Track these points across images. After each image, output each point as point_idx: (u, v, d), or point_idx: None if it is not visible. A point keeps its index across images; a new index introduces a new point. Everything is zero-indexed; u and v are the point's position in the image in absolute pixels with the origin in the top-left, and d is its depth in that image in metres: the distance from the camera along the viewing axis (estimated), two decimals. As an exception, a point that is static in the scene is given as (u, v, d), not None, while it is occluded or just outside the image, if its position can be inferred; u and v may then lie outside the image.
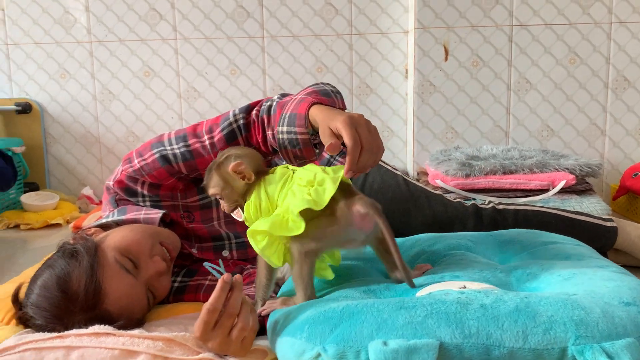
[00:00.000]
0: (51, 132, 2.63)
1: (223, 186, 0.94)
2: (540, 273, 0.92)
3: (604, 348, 0.67)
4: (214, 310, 0.82)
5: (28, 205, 2.29)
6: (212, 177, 0.94)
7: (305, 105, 0.96)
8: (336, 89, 1.10)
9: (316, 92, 1.03)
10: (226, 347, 0.84)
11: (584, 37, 2.24)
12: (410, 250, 1.08)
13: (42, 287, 0.94)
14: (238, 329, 0.84)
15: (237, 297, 0.84)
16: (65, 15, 2.55)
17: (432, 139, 2.33)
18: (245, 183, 0.93)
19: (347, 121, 0.84)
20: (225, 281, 0.82)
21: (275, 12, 2.48)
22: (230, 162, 0.93)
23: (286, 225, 0.85)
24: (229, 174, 0.93)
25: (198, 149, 1.10)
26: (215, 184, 0.94)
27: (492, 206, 1.36)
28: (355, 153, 0.83)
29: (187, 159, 1.11)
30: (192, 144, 1.11)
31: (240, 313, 0.84)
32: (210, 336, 0.84)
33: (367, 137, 0.84)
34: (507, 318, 0.71)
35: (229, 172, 0.93)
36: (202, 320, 0.83)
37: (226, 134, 1.08)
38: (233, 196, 0.94)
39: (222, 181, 0.94)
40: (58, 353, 0.85)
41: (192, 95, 2.57)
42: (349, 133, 0.83)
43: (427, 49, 2.27)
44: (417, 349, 0.68)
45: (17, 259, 1.75)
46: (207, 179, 0.95)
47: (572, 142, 2.30)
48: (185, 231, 1.22)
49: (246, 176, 0.93)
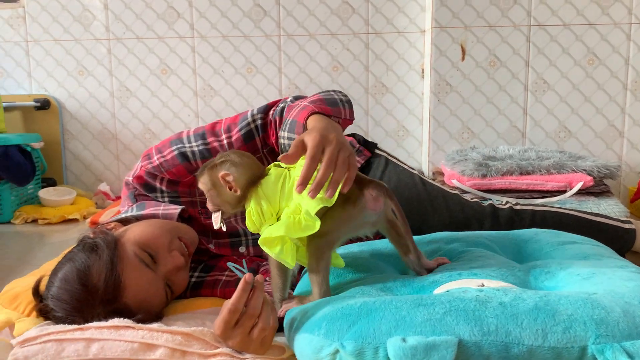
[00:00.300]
0: (69, 128, 2.66)
1: (210, 187, 0.93)
2: (559, 272, 0.91)
3: (624, 347, 0.67)
4: (236, 310, 0.83)
5: (46, 200, 2.32)
6: (203, 174, 0.94)
7: (305, 113, 0.99)
8: (347, 97, 1.11)
9: (322, 100, 1.04)
10: (246, 346, 0.85)
11: (603, 38, 2.22)
12: (427, 247, 1.08)
13: (63, 279, 0.95)
14: (259, 329, 0.84)
15: (258, 298, 0.84)
16: (84, 13, 2.57)
17: (448, 138, 2.32)
18: (233, 193, 0.92)
19: (316, 138, 0.83)
20: (247, 281, 0.82)
21: (292, 11, 2.49)
22: (223, 168, 0.92)
23: (300, 226, 0.86)
24: (218, 179, 0.92)
25: (216, 148, 1.13)
26: (204, 182, 0.94)
27: (510, 206, 1.35)
28: (310, 169, 0.82)
29: (205, 156, 1.13)
30: (211, 143, 1.14)
31: (261, 313, 0.84)
32: (231, 335, 0.84)
33: (331, 157, 0.82)
34: (526, 316, 0.71)
35: (218, 177, 0.92)
36: (223, 319, 0.83)
37: (244, 134, 1.12)
38: (216, 200, 0.93)
39: (210, 182, 0.93)
40: (78, 345, 0.86)
41: (208, 93, 2.58)
42: (311, 149, 0.82)
43: (444, 49, 2.26)
44: (436, 345, 0.68)
45: (36, 252, 1.77)
46: (200, 173, 0.95)
47: (590, 143, 2.28)
48: (203, 227, 1.23)
49: (233, 188, 0.92)
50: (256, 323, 0.84)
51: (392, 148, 2.52)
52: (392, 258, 1.05)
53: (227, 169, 0.92)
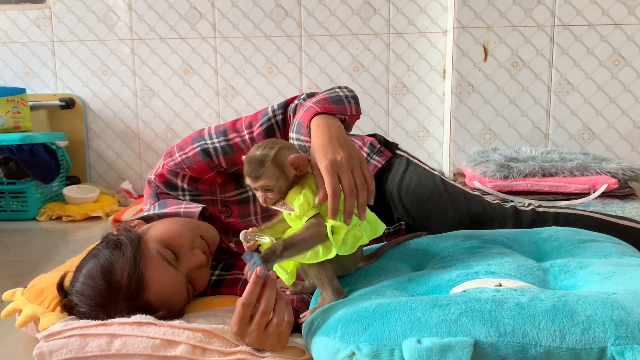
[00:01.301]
0: (93, 127, 2.70)
1: (278, 177, 0.91)
2: (579, 271, 0.90)
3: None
4: (248, 304, 0.83)
5: (70, 197, 2.36)
6: (267, 167, 0.90)
7: (309, 115, 1.01)
8: (352, 93, 1.12)
9: (327, 99, 1.06)
10: (263, 342, 0.85)
11: (629, 38, 2.18)
12: (443, 244, 1.07)
13: (87, 275, 0.97)
14: (274, 325, 0.85)
15: (270, 293, 0.84)
16: (109, 14, 2.61)
17: (469, 139, 2.30)
18: (295, 175, 0.92)
19: (328, 168, 0.89)
20: (258, 275, 0.83)
21: (314, 12, 2.49)
22: (284, 153, 0.91)
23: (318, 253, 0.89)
24: (285, 165, 0.91)
25: (238, 143, 1.14)
26: (271, 175, 0.91)
27: (532, 208, 1.34)
28: (336, 202, 0.88)
29: (227, 152, 1.14)
30: (232, 139, 1.15)
31: (275, 309, 0.85)
32: (246, 332, 0.85)
33: (349, 183, 0.89)
34: (543, 317, 0.70)
35: (285, 163, 0.91)
36: (238, 314, 0.84)
37: (265, 129, 1.13)
38: (283, 187, 0.92)
39: (278, 172, 0.91)
40: (102, 340, 0.88)
41: (229, 93, 2.60)
42: (329, 182, 0.88)
43: (466, 49, 2.24)
44: (452, 347, 0.68)
45: (60, 249, 1.80)
46: (258, 169, 0.91)
47: (615, 145, 2.25)
48: (223, 225, 1.24)
49: (300, 167, 0.92)
50: (271, 319, 0.85)
51: (412, 149, 2.52)
52: (408, 258, 1.05)
53: (289, 152, 0.92)
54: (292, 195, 0.91)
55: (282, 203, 0.93)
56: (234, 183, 1.22)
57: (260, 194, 0.93)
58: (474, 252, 1.00)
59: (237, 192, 1.22)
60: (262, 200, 0.93)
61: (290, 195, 0.92)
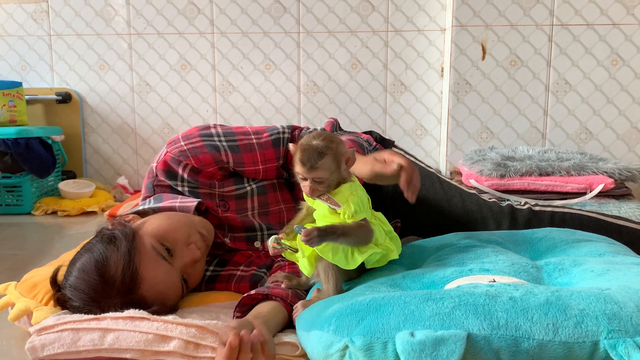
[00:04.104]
0: (89, 122, 2.69)
1: (333, 170, 0.89)
2: (573, 269, 0.90)
3: (637, 343, 0.66)
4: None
5: (65, 192, 2.35)
6: (325, 159, 0.87)
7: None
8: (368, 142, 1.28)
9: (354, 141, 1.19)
10: None
11: (628, 38, 2.18)
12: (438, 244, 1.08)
13: (81, 270, 0.96)
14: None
15: (246, 357, 0.78)
16: (106, 8, 2.60)
17: (466, 138, 2.30)
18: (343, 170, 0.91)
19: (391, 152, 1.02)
20: (232, 347, 0.77)
21: (312, 8, 2.49)
22: (342, 147, 0.89)
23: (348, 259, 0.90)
24: (341, 160, 0.89)
25: (246, 145, 1.19)
26: (328, 167, 0.88)
27: (528, 207, 1.34)
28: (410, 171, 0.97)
29: (235, 151, 1.19)
30: (240, 140, 1.20)
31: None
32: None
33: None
34: (537, 310, 0.70)
35: (342, 158, 0.89)
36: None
37: (274, 139, 1.21)
38: (333, 182, 0.90)
39: (334, 165, 0.89)
40: (94, 334, 0.87)
41: (227, 89, 2.59)
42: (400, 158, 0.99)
43: (464, 47, 2.24)
44: (445, 339, 0.68)
45: (55, 243, 1.79)
46: (317, 160, 0.87)
47: (612, 145, 2.25)
48: (219, 220, 1.24)
49: (350, 164, 0.91)
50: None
51: (409, 147, 2.51)
52: (402, 257, 1.05)
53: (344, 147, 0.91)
54: (345, 192, 0.89)
55: (327, 197, 0.89)
56: (233, 179, 1.24)
57: (308, 184, 0.89)
58: (468, 251, 1.01)
59: (236, 188, 1.23)
60: (309, 191, 0.89)
61: (342, 191, 0.89)
